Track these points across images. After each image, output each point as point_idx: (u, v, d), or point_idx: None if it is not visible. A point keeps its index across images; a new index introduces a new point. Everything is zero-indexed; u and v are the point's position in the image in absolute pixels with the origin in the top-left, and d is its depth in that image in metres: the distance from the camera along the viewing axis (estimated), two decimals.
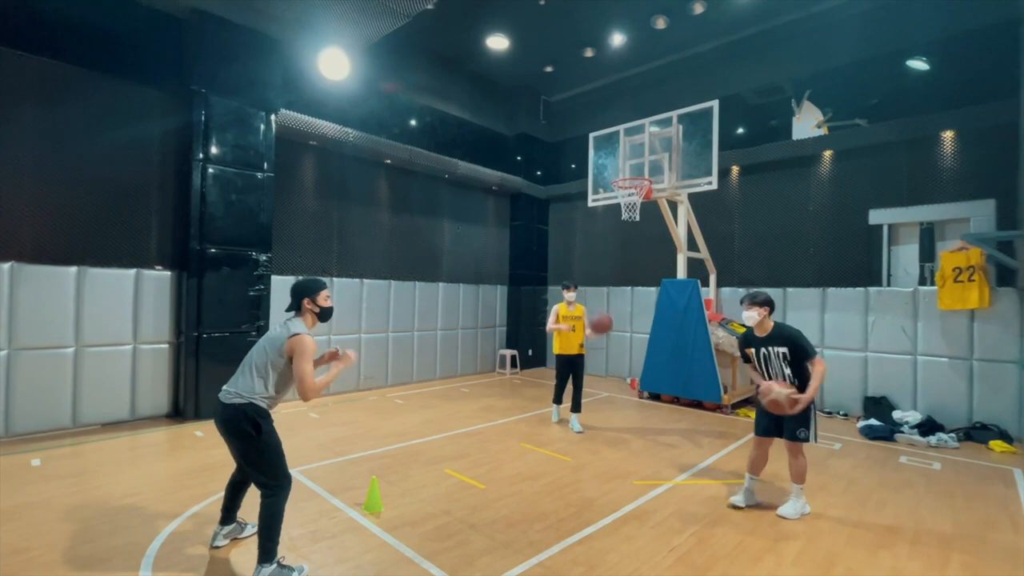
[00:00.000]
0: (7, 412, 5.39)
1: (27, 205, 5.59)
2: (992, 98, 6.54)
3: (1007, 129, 6.40)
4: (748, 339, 4.07)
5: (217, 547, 3.23)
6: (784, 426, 3.89)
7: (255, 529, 3.13)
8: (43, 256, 5.67)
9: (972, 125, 6.75)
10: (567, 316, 6.45)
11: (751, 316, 3.94)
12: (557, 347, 6.49)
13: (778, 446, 4.13)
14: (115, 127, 6.15)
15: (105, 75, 6.06)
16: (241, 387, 2.94)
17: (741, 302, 4.10)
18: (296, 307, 3.11)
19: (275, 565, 2.82)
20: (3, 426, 5.36)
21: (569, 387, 6.48)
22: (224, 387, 3.00)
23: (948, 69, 7.00)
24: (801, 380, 3.83)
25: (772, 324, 3.95)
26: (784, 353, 3.84)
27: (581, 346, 6.42)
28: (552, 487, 4.37)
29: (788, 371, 3.85)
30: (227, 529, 3.29)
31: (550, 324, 6.45)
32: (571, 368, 6.44)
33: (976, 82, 6.72)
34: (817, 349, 7.51)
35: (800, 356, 3.81)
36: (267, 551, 2.83)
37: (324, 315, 3.19)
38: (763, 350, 3.94)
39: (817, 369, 3.74)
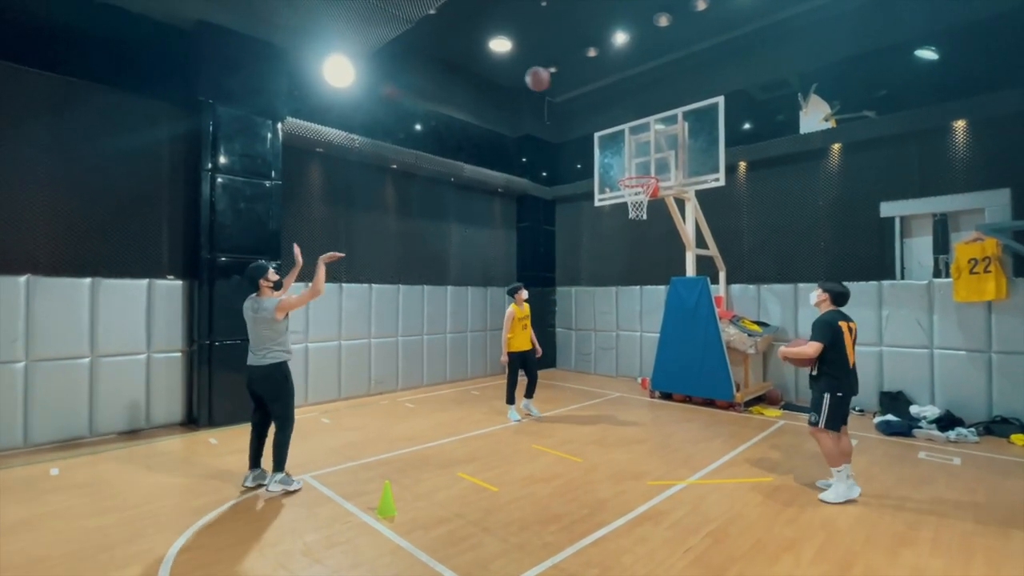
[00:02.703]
0: (26, 422, 5.47)
1: (41, 219, 5.69)
2: (1004, 86, 6.42)
3: (1021, 117, 6.29)
4: None
5: (247, 487, 4.23)
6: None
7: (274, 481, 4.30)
8: (58, 268, 5.76)
9: (984, 114, 6.64)
10: (523, 316, 6.93)
11: (811, 296, 4.46)
12: (516, 345, 6.84)
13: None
14: (124, 139, 6.24)
15: (114, 88, 6.15)
16: (273, 349, 4.18)
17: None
18: (256, 287, 4.25)
19: (284, 473, 4.17)
20: (22, 436, 5.45)
21: (523, 380, 7.05)
22: (253, 355, 4.20)
23: (958, 57, 6.89)
24: (823, 363, 4.17)
25: (825, 311, 4.32)
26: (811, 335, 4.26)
27: (531, 340, 7.04)
28: (565, 489, 4.35)
29: None
30: (255, 472, 4.32)
31: (507, 330, 6.82)
32: (523, 363, 6.91)
33: (987, 70, 6.60)
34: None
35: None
36: (279, 464, 4.17)
37: (277, 286, 4.33)
38: None
39: (804, 347, 4.13)
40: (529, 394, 6.96)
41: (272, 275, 4.26)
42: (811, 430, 4.19)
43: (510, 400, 6.93)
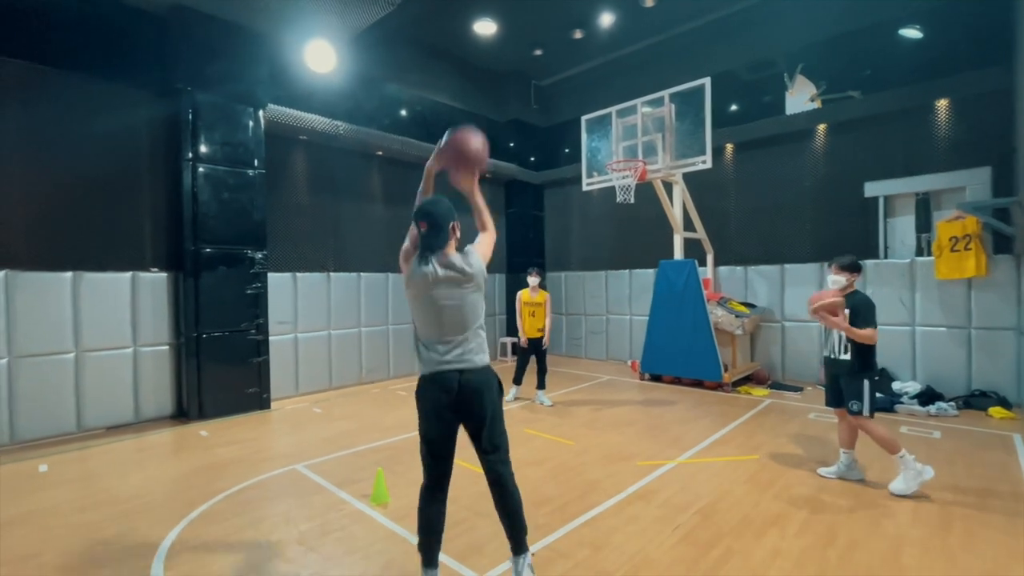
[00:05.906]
0: (12, 419, 5.40)
1: (17, 212, 5.54)
2: (985, 64, 6.47)
3: (1001, 95, 6.35)
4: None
5: None
6: (843, 398, 3.99)
7: None
8: (37, 263, 5.63)
9: (966, 93, 6.70)
10: (528, 302, 6.89)
11: (837, 280, 3.99)
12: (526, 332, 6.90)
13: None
14: (102, 130, 6.07)
15: (89, 77, 5.96)
16: (481, 350, 2.56)
17: (828, 266, 4.15)
18: (443, 238, 2.63)
19: (530, 552, 2.41)
20: (8, 433, 5.38)
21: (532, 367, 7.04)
22: (450, 354, 2.47)
23: (940, 36, 6.92)
24: (857, 348, 3.89)
25: (853, 290, 4.02)
26: (845, 316, 3.92)
27: (540, 330, 6.89)
28: (556, 471, 4.41)
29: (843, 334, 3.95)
30: None
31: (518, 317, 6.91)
32: (534, 350, 6.92)
33: (969, 49, 6.65)
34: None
35: (855, 323, 3.85)
36: (523, 540, 2.46)
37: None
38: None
39: (862, 330, 3.80)
40: (540, 385, 6.92)
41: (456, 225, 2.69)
42: (862, 421, 3.89)
43: (517, 381, 7.01)
